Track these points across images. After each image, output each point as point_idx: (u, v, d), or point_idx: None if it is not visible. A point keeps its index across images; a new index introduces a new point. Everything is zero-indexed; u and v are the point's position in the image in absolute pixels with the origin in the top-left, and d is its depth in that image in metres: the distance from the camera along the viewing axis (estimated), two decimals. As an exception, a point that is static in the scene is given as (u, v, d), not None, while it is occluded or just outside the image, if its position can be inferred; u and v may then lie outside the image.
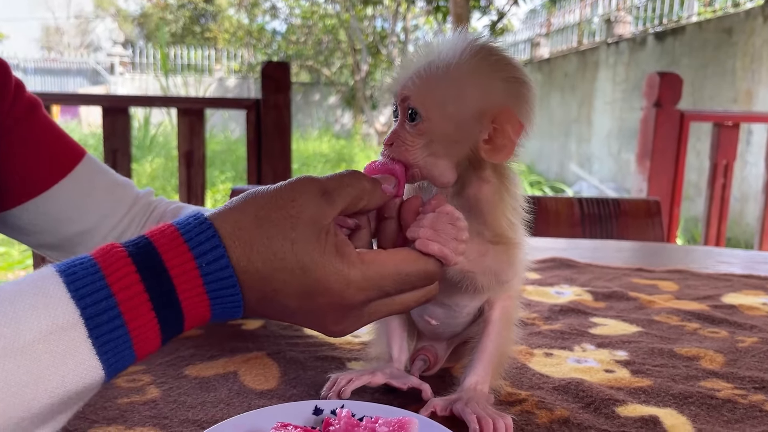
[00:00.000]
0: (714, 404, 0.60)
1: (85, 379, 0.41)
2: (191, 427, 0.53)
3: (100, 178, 0.83)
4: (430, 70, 0.53)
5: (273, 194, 0.47)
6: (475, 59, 0.53)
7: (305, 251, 0.45)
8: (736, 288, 1.03)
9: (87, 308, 0.40)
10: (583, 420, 0.56)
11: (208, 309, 0.45)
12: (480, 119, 0.53)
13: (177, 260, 0.43)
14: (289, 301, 0.47)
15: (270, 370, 0.66)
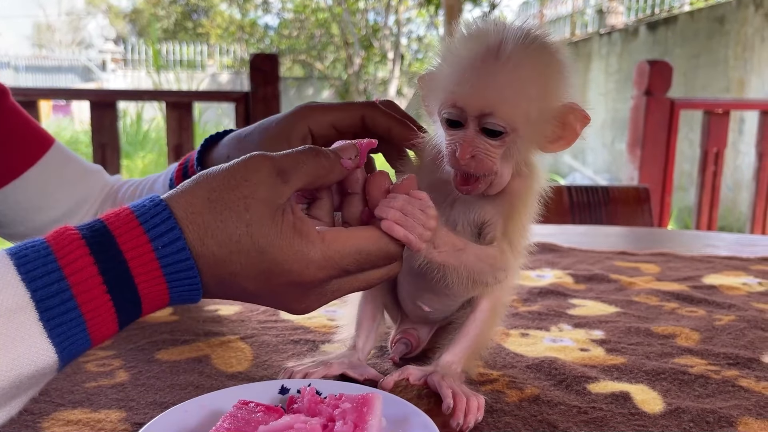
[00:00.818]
0: (686, 380, 0.60)
1: (37, 362, 0.40)
2: (158, 410, 0.53)
3: (69, 165, 0.82)
4: (506, 75, 0.49)
5: (225, 174, 0.45)
6: (542, 55, 0.51)
7: (261, 233, 0.44)
8: (717, 269, 1.03)
9: (38, 290, 0.39)
10: (554, 397, 0.56)
11: (166, 292, 0.44)
12: (554, 118, 0.52)
13: (132, 243, 0.42)
14: (247, 283, 0.46)
15: (242, 354, 0.66)
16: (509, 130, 0.50)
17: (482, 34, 0.51)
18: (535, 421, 0.52)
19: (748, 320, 0.77)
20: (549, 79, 0.51)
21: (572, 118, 0.52)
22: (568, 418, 0.52)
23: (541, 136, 0.52)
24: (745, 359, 0.65)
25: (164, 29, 16.98)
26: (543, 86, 0.51)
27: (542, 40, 0.51)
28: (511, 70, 0.49)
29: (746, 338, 0.71)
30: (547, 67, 0.51)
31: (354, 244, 0.47)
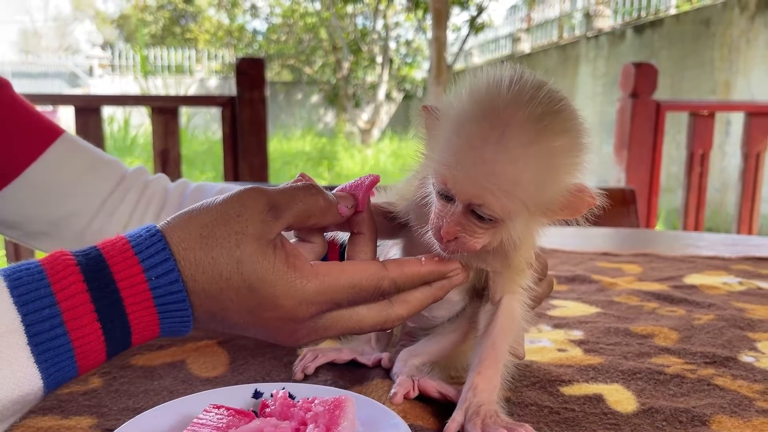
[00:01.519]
0: (661, 379, 0.60)
1: (23, 387, 0.39)
2: (130, 415, 0.52)
3: (80, 156, 0.78)
4: (503, 164, 0.44)
5: (219, 209, 0.45)
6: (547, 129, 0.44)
7: (251, 270, 0.44)
8: (699, 269, 1.04)
9: (28, 315, 0.39)
10: (526, 398, 0.56)
11: (157, 323, 0.44)
12: (557, 202, 0.47)
13: (126, 272, 0.42)
14: (238, 318, 0.45)
15: (219, 358, 0.65)
16: (500, 219, 0.46)
17: (486, 107, 0.45)
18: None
19: (727, 319, 0.78)
20: (555, 167, 0.45)
21: (577, 200, 0.47)
22: (539, 418, 0.52)
23: (538, 219, 0.48)
24: (722, 358, 0.65)
25: (152, 34, 16.93)
26: (546, 176, 0.45)
27: (555, 117, 0.45)
28: (510, 161, 0.44)
29: (724, 337, 0.72)
30: (555, 154, 0.45)
31: (347, 277, 0.46)
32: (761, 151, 2.95)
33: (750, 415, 0.53)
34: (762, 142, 2.94)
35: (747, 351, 0.68)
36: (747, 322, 0.77)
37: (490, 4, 10.79)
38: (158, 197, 0.81)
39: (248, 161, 2.90)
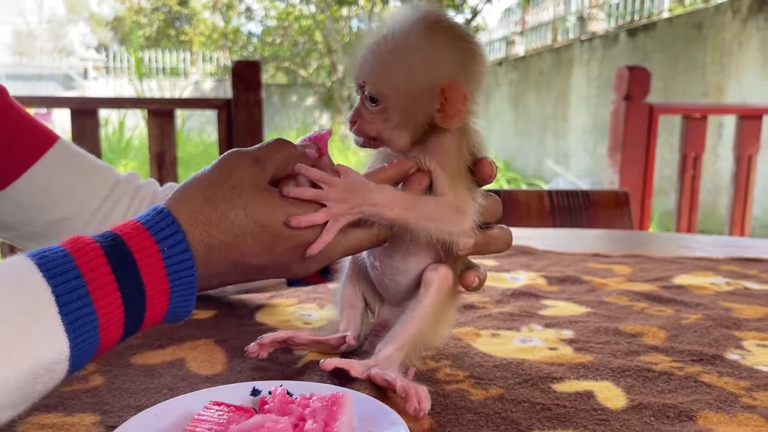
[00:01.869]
0: (650, 376, 0.62)
1: (53, 353, 0.42)
2: (132, 413, 0.53)
3: (75, 162, 0.81)
4: (381, 54, 0.57)
5: (211, 173, 0.52)
6: (422, 36, 0.56)
7: (257, 212, 0.51)
8: (687, 270, 1.05)
9: (58, 286, 0.43)
10: (518, 395, 0.57)
11: (167, 290, 0.48)
12: (431, 93, 0.56)
13: (140, 245, 0.47)
14: (256, 259, 0.52)
15: (216, 357, 0.67)
16: (381, 98, 0.56)
17: (386, 21, 0.58)
18: (499, 418, 0.53)
19: (714, 318, 0.79)
20: (421, 57, 0.56)
21: (451, 95, 0.55)
22: (531, 415, 0.54)
23: (423, 108, 0.56)
24: (708, 356, 0.67)
25: (146, 37, 16.91)
26: (412, 62, 0.56)
27: (430, 24, 0.56)
28: (387, 50, 0.56)
29: (711, 336, 0.73)
30: (422, 47, 0.56)
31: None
32: (753, 153, 2.98)
33: (735, 411, 0.55)
34: (754, 144, 2.97)
35: (733, 349, 0.69)
36: (733, 321, 0.79)
37: (484, 8, 10.82)
38: (148, 201, 0.84)
39: (244, 164, 2.91)
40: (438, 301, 0.60)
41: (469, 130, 0.60)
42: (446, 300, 0.61)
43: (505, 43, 12.00)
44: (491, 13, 27.87)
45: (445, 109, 0.56)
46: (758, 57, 5.52)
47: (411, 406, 0.52)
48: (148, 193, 0.85)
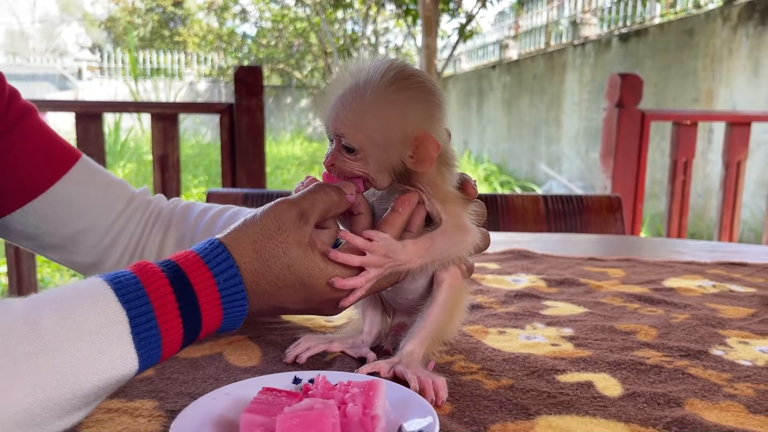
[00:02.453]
0: (643, 369, 0.69)
1: (124, 368, 0.49)
2: (186, 398, 0.60)
3: (96, 178, 0.87)
4: (356, 107, 0.61)
5: (262, 223, 0.58)
6: (394, 90, 0.61)
7: (300, 270, 0.58)
8: (677, 273, 1.13)
9: (131, 310, 0.49)
10: (526, 385, 0.65)
11: (220, 319, 0.55)
12: (404, 142, 0.61)
13: (200, 278, 0.54)
14: (294, 306, 0.60)
15: (252, 351, 0.74)
16: (358, 149, 0.61)
17: (355, 71, 0.62)
18: (510, 404, 0.60)
19: (701, 318, 0.87)
20: (395, 112, 0.61)
21: (426, 144, 0.61)
22: (538, 402, 0.61)
23: (397, 155, 0.61)
24: (695, 351, 0.74)
25: (141, 37, 16.91)
26: (388, 118, 0.61)
27: (400, 79, 0.61)
28: (361, 104, 0.61)
29: (697, 334, 0.81)
30: (395, 102, 0.61)
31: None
32: (742, 159, 3.07)
33: (718, 399, 0.62)
34: (742, 151, 3.06)
35: (717, 345, 0.77)
36: (718, 321, 0.86)
37: (479, 12, 10.91)
38: (163, 216, 0.90)
39: (246, 167, 2.97)
40: (451, 296, 0.67)
41: (444, 153, 0.65)
42: (458, 294, 0.68)
43: (498, 47, 12.09)
44: (485, 17, 27.93)
45: (418, 155, 0.61)
46: (747, 64, 5.62)
47: (429, 398, 0.59)
48: (156, 208, 0.91)
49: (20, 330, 0.45)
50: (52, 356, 0.45)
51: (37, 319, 0.46)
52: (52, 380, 0.45)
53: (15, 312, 0.46)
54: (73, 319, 0.47)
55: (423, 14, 8.30)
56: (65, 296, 0.49)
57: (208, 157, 8.07)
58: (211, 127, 13.17)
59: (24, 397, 0.43)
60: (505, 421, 0.57)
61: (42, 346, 0.45)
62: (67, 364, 0.46)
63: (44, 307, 0.47)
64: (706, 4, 6.84)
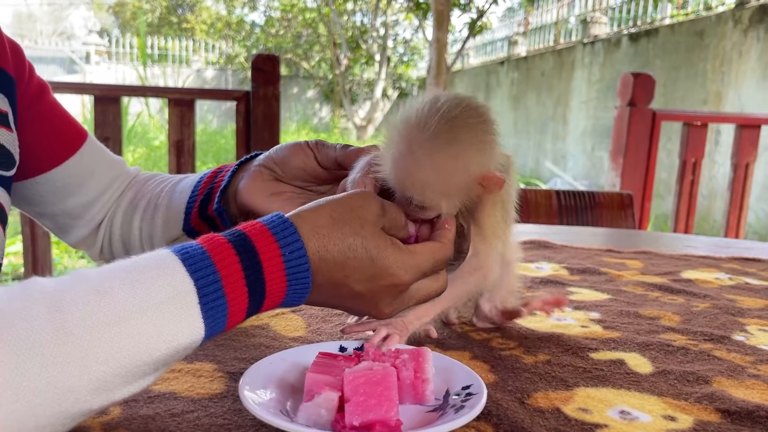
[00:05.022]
0: (670, 350, 0.73)
1: (192, 336, 0.50)
2: (242, 363, 0.64)
3: (100, 156, 0.93)
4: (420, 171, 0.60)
5: (344, 200, 0.58)
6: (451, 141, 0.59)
7: (372, 245, 0.57)
8: (693, 266, 1.17)
9: (199, 280, 0.51)
10: (562, 361, 0.68)
11: (284, 290, 0.55)
12: (469, 185, 0.62)
13: (266, 248, 0.54)
14: (356, 284, 0.57)
15: (296, 323, 0.77)
16: (432, 207, 0.62)
17: (406, 128, 0.61)
18: (549, 377, 0.64)
19: (720, 307, 0.90)
20: (464, 163, 0.60)
21: (490, 183, 0.62)
22: (575, 375, 0.65)
23: (467, 194, 0.63)
24: (718, 336, 0.78)
25: (148, 23, 16.90)
26: (449, 174, 0.60)
27: (452, 133, 0.59)
28: (420, 169, 0.60)
29: (719, 321, 0.85)
30: (463, 153, 0.60)
31: (430, 253, 0.61)
32: (750, 162, 3.10)
33: (743, 378, 0.66)
34: (751, 153, 3.09)
35: (738, 332, 0.81)
36: (738, 310, 0.90)
37: (489, 8, 10.91)
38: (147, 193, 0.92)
39: (260, 154, 3.00)
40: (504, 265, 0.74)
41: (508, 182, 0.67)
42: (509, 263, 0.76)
43: (507, 43, 12.09)
44: (495, 13, 27.86)
45: (486, 189, 0.63)
46: (757, 67, 5.64)
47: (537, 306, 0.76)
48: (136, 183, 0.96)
49: (93, 301, 0.47)
50: (124, 326, 0.47)
51: (109, 289, 0.48)
52: (124, 349, 0.47)
53: (88, 283, 0.48)
54: (144, 290, 0.49)
55: (435, 8, 8.31)
56: (136, 268, 0.50)
57: (216, 144, 8.10)
58: (218, 114, 13.19)
59: (98, 365, 0.45)
60: (546, 391, 0.61)
61: (114, 316, 0.47)
62: (139, 333, 0.48)
63: (115, 278, 0.49)
64: (716, 6, 6.85)
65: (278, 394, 0.55)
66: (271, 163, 0.76)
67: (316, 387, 0.52)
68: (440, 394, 0.57)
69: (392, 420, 0.49)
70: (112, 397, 0.47)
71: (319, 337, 0.73)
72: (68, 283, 0.48)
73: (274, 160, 0.76)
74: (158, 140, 8.22)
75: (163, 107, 9.29)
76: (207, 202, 0.80)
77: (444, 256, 0.62)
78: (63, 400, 0.43)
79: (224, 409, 0.55)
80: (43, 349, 0.43)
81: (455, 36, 13.81)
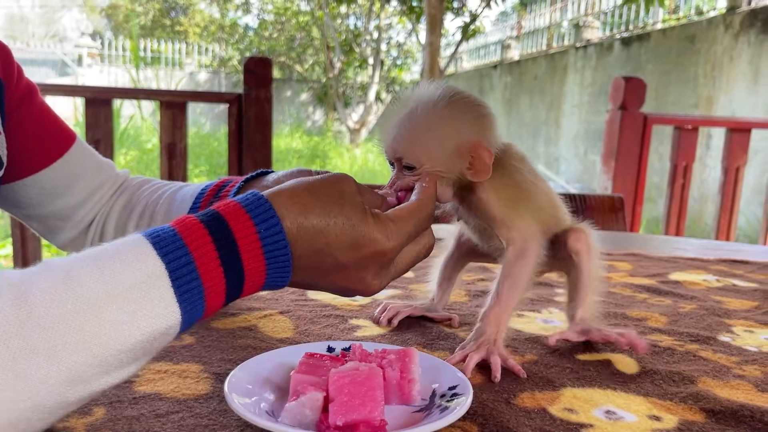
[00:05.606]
0: (657, 351, 0.73)
1: (168, 320, 0.49)
2: (228, 364, 0.64)
3: (89, 158, 0.93)
4: (413, 127, 0.66)
5: (321, 177, 0.58)
6: (446, 108, 0.66)
7: (353, 212, 0.56)
8: (682, 268, 1.17)
9: (170, 263, 0.49)
10: (549, 362, 0.68)
11: (264, 269, 0.54)
12: (459, 154, 0.65)
13: (241, 226, 0.53)
14: (339, 253, 0.56)
15: (284, 324, 0.77)
16: (418, 165, 0.65)
17: (405, 100, 0.68)
18: (536, 377, 0.64)
19: (707, 309, 0.91)
20: (447, 127, 0.65)
21: (479, 153, 0.65)
22: (562, 375, 0.65)
23: (455, 167, 0.66)
24: (704, 337, 0.78)
25: (141, 25, 16.87)
26: (440, 132, 0.65)
27: (448, 98, 0.66)
28: (415, 124, 0.66)
29: (705, 322, 0.85)
30: (445, 118, 0.65)
31: (409, 213, 0.60)
32: (741, 165, 3.11)
33: (728, 378, 0.66)
34: (742, 157, 3.11)
35: (724, 333, 0.81)
36: (724, 311, 0.90)
37: (483, 11, 10.95)
38: (143, 199, 0.93)
39: (252, 157, 3.00)
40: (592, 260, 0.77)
41: (512, 170, 0.70)
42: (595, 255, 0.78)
43: (500, 47, 12.13)
44: (488, 17, 27.96)
45: (474, 166, 0.66)
46: (748, 72, 5.68)
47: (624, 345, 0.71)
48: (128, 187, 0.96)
49: (61, 290, 0.45)
50: (94, 313, 0.46)
51: (77, 278, 0.46)
52: (95, 337, 0.45)
53: (54, 273, 0.47)
54: (113, 276, 0.47)
55: (428, 12, 8.33)
56: (104, 254, 0.49)
57: (209, 146, 8.09)
58: (211, 118, 13.17)
59: (68, 355, 0.44)
60: (533, 391, 0.61)
61: (83, 304, 0.45)
62: (109, 321, 0.46)
63: (83, 266, 0.48)
64: (707, 11, 6.89)
65: (264, 395, 0.55)
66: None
67: (302, 387, 0.52)
68: (427, 395, 0.57)
69: (376, 420, 0.49)
70: (89, 388, 0.46)
71: (307, 339, 0.73)
72: (35, 273, 0.46)
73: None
74: (151, 143, 8.20)
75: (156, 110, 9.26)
76: None
77: (426, 214, 0.62)
78: (35, 393, 0.42)
79: (210, 410, 0.55)
80: (9, 342, 0.42)
81: (448, 40, 13.85)
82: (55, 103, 6.64)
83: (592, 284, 0.73)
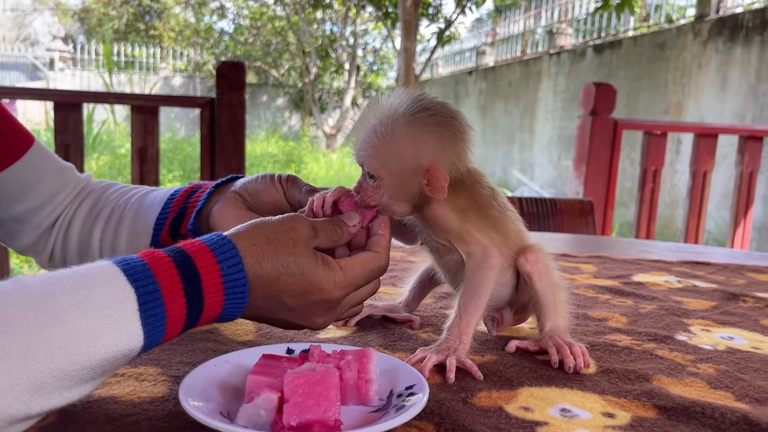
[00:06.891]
0: (615, 350, 0.74)
1: (130, 342, 0.51)
2: (187, 366, 0.64)
3: (48, 162, 0.91)
4: (375, 139, 0.66)
5: (278, 223, 0.61)
6: (409, 123, 0.65)
7: (304, 262, 0.60)
8: (645, 269, 1.19)
9: (139, 288, 0.52)
10: (509, 362, 0.69)
11: (221, 303, 0.57)
12: (416, 172, 0.66)
13: (205, 263, 0.56)
14: (288, 299, 0.60)
15: (246, 327, 0.77)
16: (377, 176, 0.66)
17: (376, 108, 0.68)
18: (495, 376, 0.65)
19: (667, 309, 0.93)
20: (407, 144, 0.65)
21: (436, 175, 0.65)
22: (521, 375, 0.66)
23: (413, 183, 0.66)
24: (662, 336, 0.80)
25: (115, 30, 16.69)
26: (400, 149, 0.66)
27: (416, 112, 0.65)
28: (379, 135, 0.66)
29: (664, 322, 0.87)
30: (408, 135, 0.65)
31: (360, 265, 0.63)
32: (708, 170, 3.17)
33: (683, 376, 0.67)
34: (709, 162, 3.16)
35: (682, 332, 0.83)
36: (683, 311, 0.92)
37: (457, 18, 11.02)
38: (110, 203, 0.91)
39: (225, 161, 2.97)
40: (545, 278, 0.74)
41: (473, 188, 0.71)
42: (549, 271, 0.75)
43: (475, 53, 12.22)
44: (462, 23, 28.15)
45: (431, 184, 0.66)
46: (716, 79, 5.79)
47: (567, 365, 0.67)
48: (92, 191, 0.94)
49: (35, 302, 0.47)
50: (64, 327, 0.47)
51: (50, 293, 0.48)
52: (63, 350, 0.47)
53: (31, 286, 0.48)
54: (85, 294, 0.49)
55: (403, 18, 8.36)
56: (77, 275, 0.51)
57: (182, 152, 8.02)
58: (185, 123, 13.07)
59: (36, 365, 0.45)
60: (490, 390, 0.61)
61: (55, 317, 0.47)
62: (79, 335, 0.48)
63: (57, 283, 0.49)
64: (677, 19, 7.02)
65: (220, 397, 0.55)
66: (246, 193, 0.78)
67: (257, 388, 0.52)
68: (384, 395, 0.58)
69: (331, 420, 0.49)
70: (50, 402, 0.47)
71: (268, 341, 0.73)
72: (8, 286, 0.48)
73: (248, 191, 0.78)
74: (124, 148, 8.10)
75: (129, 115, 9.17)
76: (179, 221, 0.80)
77: (378, 265, 0.65)
78: (1, 399, 0.43)
79: (165, 413, 0.55)
80: None
81: (424, 46, 13.91)
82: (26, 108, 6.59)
83: (551, 300, 0.73)
